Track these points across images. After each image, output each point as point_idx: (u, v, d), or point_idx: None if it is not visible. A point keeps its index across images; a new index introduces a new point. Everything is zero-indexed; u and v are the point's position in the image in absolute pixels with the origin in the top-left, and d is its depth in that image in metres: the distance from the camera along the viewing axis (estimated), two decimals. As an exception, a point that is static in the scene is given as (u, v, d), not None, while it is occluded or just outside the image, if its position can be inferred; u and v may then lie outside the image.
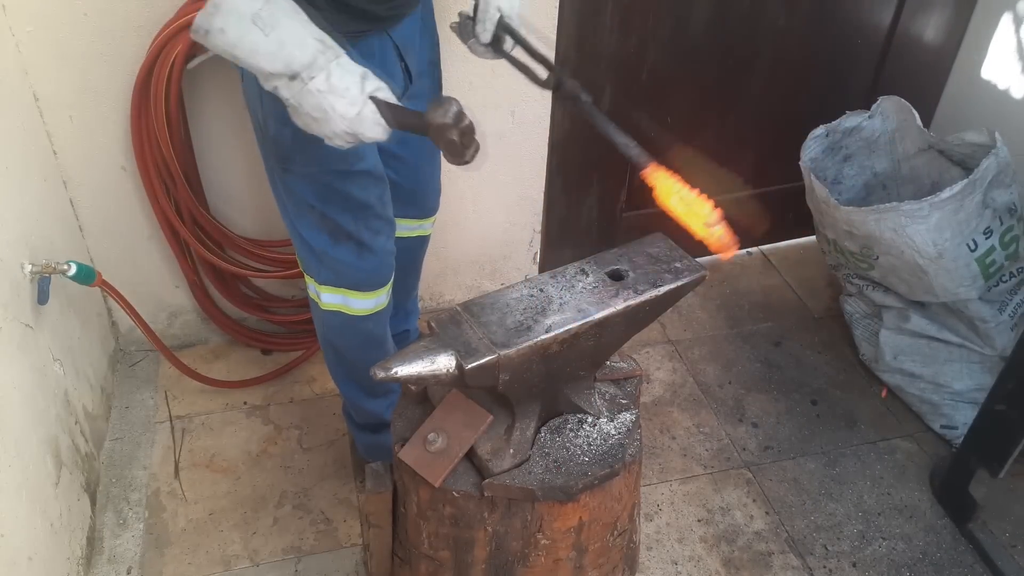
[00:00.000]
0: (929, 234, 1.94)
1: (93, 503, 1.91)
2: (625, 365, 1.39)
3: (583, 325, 1.16)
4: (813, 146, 2.24)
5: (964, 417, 2.09)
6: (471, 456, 1.23)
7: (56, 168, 1.95)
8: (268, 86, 1.13)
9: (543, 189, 2.36)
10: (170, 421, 2.15)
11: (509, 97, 2.14)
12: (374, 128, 1.15)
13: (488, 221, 2.36)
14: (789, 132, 2.32)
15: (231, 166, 2.05)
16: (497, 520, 1.24)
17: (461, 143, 1.13)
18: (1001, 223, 2.00)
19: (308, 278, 1.61)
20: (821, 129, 2.25)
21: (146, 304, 2.18)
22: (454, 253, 2.40)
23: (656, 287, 1.21)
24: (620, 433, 1.27)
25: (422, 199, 1.81)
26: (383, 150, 1.54)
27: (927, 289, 2.05)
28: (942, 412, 2.15)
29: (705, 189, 2.84)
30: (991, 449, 1.82)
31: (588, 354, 1.23)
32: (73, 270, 1.73)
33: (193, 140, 1.97)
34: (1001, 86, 2.35)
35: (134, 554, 1.85)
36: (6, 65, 1.73)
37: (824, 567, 1.88)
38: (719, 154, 2.51)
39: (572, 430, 1.27)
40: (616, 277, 1.23)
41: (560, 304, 1.18)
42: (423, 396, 1.32)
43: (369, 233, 1.52)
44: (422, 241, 1.90)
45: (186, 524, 1.92)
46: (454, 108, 1.11)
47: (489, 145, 2.21)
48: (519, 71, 1.33)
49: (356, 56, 1.33)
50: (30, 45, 1.77)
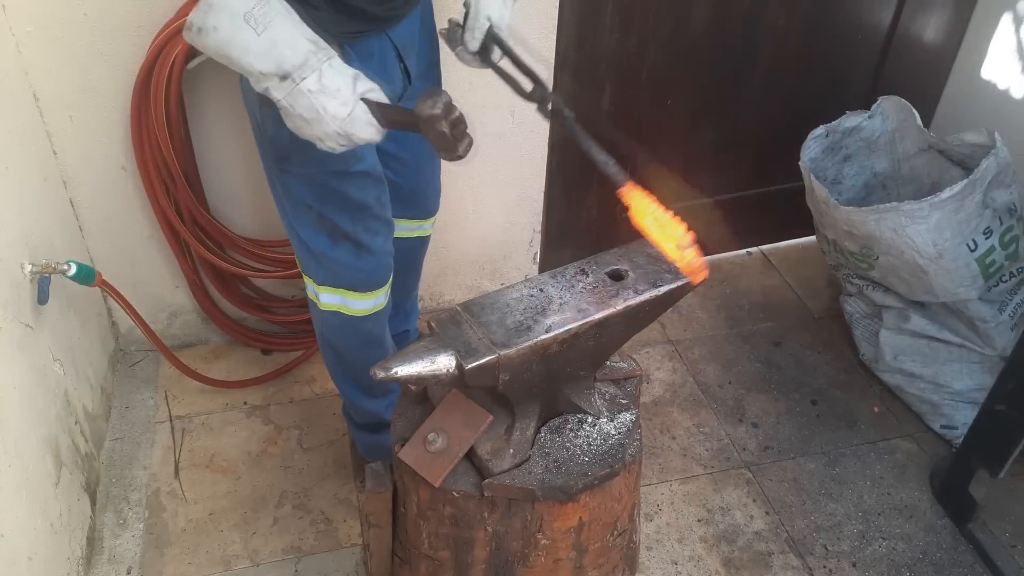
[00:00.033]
0: (929, 234, 1.94)
1: (93, 503, 1.91)
2: (625, 365, 1.39)
3: (583, 325, 1.16)
4: (813, 146, 2.24)
5: (964, 417, 2.09)
6: (471, 456, 1.23)
7: (56, 168, 1.95)
8: (259, 87, 1.12)
9: (543, 189, 2.36)
10: (170, 421, 2.15)
11: (509, 97, 2.11)
12: (366, 129, 1.15)
13: (488, 221, 2.36)
14: (789, 132, 2.32)
15: (231, 166, 2.06)
16: (497, 520, 1.24)
17: (452, 135, 1.12)
18: (1001, 223, 2.00)
19: (307, 278, 1.61)
20: (821, 129, 2.25)
21: (146, 304, 2.18)
22: (454, 253, 2.40)
23: (656, 287, 1.21)
24: (620, 433, 1.27)
25: (422, 200, 1.81)
26: (382, 151, 1.54)
27: (927, 289, 2.05)
28: (942, 412, 2.15)
29: (705, 189, 2.83)
30: (991, 449, 1.82)
31: (588, 354, 1.23)
32: (73, 270, 1.73)
33: (193, 140, 1.97)
34: (1001, 86, 2.35)
35: (134, 554, 1.85)
36: (6, 65, 1.73)
37: (824, 567, 1.88)
38: (719, 154, 2.52)
39: (572, 430, 1.27)
40: (616, 277, 1.23)
41: (560, 304, 1.18)
42: (423, 396, 1.32)
43: (367, 234, 1.51)
44: (422, 242, 1.90)
45: (186, 524, 1.92)
46: (443, 99, 1.10)
47: (489, 145, 2.21)
48: (505, 82, 1.32)
49: (354, 57, 1.33)
50: (30, 45, 1.77)
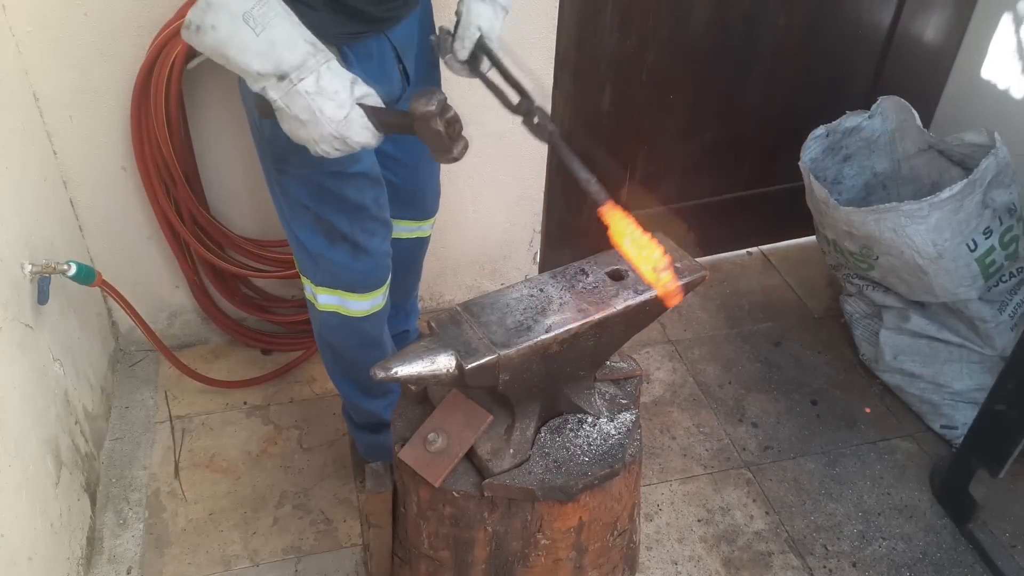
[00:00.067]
0: (929, 234, 1.94)
1: (93, 503, 1.91)
2: (625, 365, 1.39)
3: (583, 325, 1.16)
4: (813, 146, 2.24)
5: (964, 417, 2.09)
6: (471, 456, 1.23)
7: (56, 168, 1.95)
8: (256, 87, 1.12)
9: (543, 189, 2.36)
10: (170, 421, 2.15)
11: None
12: (362, 133, 1.14)
13: (488, 221, 2.36)
14: (789, 132, 2.32)
15: (231, 166, 2.06)
16: (497, 520, 1.24)
17: (447, 135, 1.11)
18: (1001, 223, 2.00)
19: (304, 279, 1.60)
20: (821, 129, 2.25)
21: (146, 304, 2.18)
22: (454, 253, 2.40)
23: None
24: (620, 433, 1.27)
25: (421, 201, 1.81)
26: (381, 152, 1.54)
27: (927, 289, 2.05)
28: (942, 412, 2.15)
29: (705, 189, 2.83)
30: (991, 449, 1.82)
31: (588, 354, 1.23)
32: (73, 270, 1.73)
33: (193, 140, 1.97)
34: (1001, 86, 2.35)
35: (134, 554, 1.85)
36: (6, 65, 1.73)
37: (824, 567, 1.88)
38: (719, 154, 2.52)
39: (572, 430, 1.27)
40: (616, 277, 1.23)
41: (560, 304, 1.18)
42: (423, 396, 1.32)
43: (364, 235, 1.51)
44: (421, 243, 1.90)
45: (186, 524, 1.92)
46: (438, 97, 1.09)
47: (489, 145, 2.21)
48: (492, 93, 1.31)
49: (353, 58, 1.33)
50: (30, 45, 1.77)
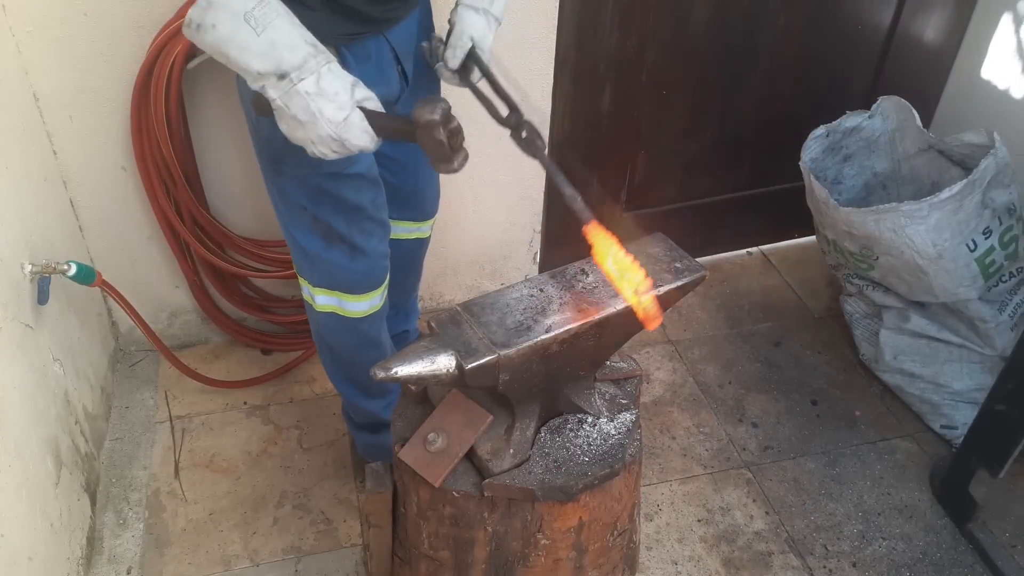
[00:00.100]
0: (928, 234, 1.94)
1: (93, 503, 1.91)
2: (625, 365, 1.39)
3: (583, 325, 1.16)
4: (813, 146, 2.24)
5: (964, 417, 2.09)
6: (471, 456, 1.23)
7: (56, 168, 1.95)
8: (255, 86, 1.11)
9: (543, 189, 2.36)
10: (170, 421, 2.15)
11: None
12: (361, 136, 1.14)
13: (488, 221, 2.36)
14: (789, 132, 2.32)
15: (231, 166, 2.05)
16: (497, 520, 1.24)
17: (449, 145, 1.11)
18: (1000, 223, 2.00)
19: (302, 280, 1.60)
20: (821, 129, 2.25)
21: (146, 304, 2.18)
22: (454, 253, 2.40)
23: (656, 287, 1.21)
24: (620, 433, 1.27)
25: (420, 202, 1.80)
26: (379, 153, 1.54)
27: (927, 289, 2.05)
28: (942, 412, 2.15)
29: (705, 189, 2.82)
30: (991, 449, 1.82)
31: (588, 354, 1.23)
32: (73, 270, 1.73)
33: (193, 140, 1.97)
34: (1001, 86, 2.35)
35: (134, 554, 1.85)
36: (6, 65, 1.73)
37: (824, 567, 1.88)
38: (719, 154, 2.52)
39: (572, 430, 1.27)
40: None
41: (560, 304, 1.18)
42: (423, 396, 1.32)
43: (362, 236, 1.51)
44: (420, 243, 1.90)
45: (186, 524, 1.92)
46: (442, 106, 1.09)
47: (489, 145, 2.20)
48: (481, 103, 1.31)
49: (351, 59, 1.33)
50: (30, 45, 1.77)
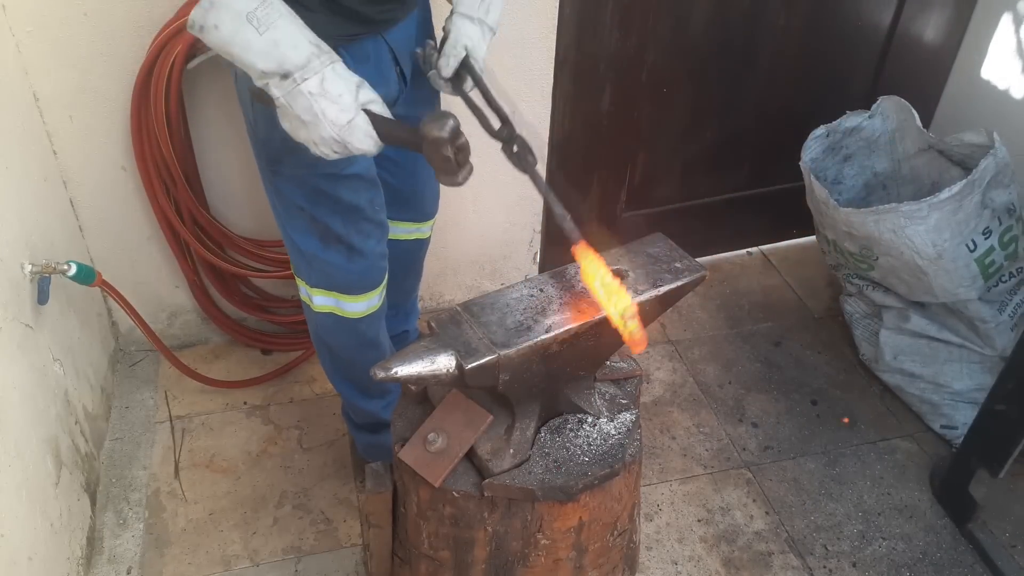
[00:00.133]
0: (928, 235, 1.94)
1: (93, 503, 1.91)
2: (625, 365, 1.39)
3: (583, 325, 1.16)
4: (813, 146, 2.24)
5: (964, 417, 2.09)
6: (471, 456, 1.23)
7: (56, 168, 1.95)
8: (259, 83, 1.11)
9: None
10: (170, 421, 2.15)
11: (510, 97, 2.14)
12: (364, 140, 1.14)
13: (488, 221, 2.36)
14: (789, 132, 2.32)
15: (231, 166, 2.05)
16: (497, 520, 1.24)
17: (456, 161, 1.11)
18: (1000, 223, 2.00)
19: (299, 280, 1.60)
20: (821, 129, 2.25)
21: (146, 304, 2.18)
22: (454, 253, 2.40)
23: (656, 287, 1.21)
24: (620, 433, 1.27)
25: (419, 203, 1.80)
26: (379, 154, 1.54)
27: (927, 290, 2.05)
28: (942, 412, 2.15)
29: (705, 189, 2.82)
30: (991, 449, 1.82)
31: (588, 354, 1.23)
32: (73, 270, 1.73)
33: (193, 140, 1.97)
34: (1001, 86, 2.35)
35: (134, 554, 1.85)
36: (6, 65, 1.73)
37: (824, 567, 1.88)
38: (719, 154, 2.52)
39: (572, 430, 1.27)
40: (616, 277, 1.23)
41: (560, 304, 1.18)
42: (423, 396, 1.32)
43: (359, 236, 1.51)
44: (420, 244, 1.89)
45: (186, 524, 1.92)
46: (451, 123, 1.09)
47: (489, 145, 2.20)
48: (472, 114, 1.29)
49: (349, 60, 1.32)
50: (30, 45, 1.77)
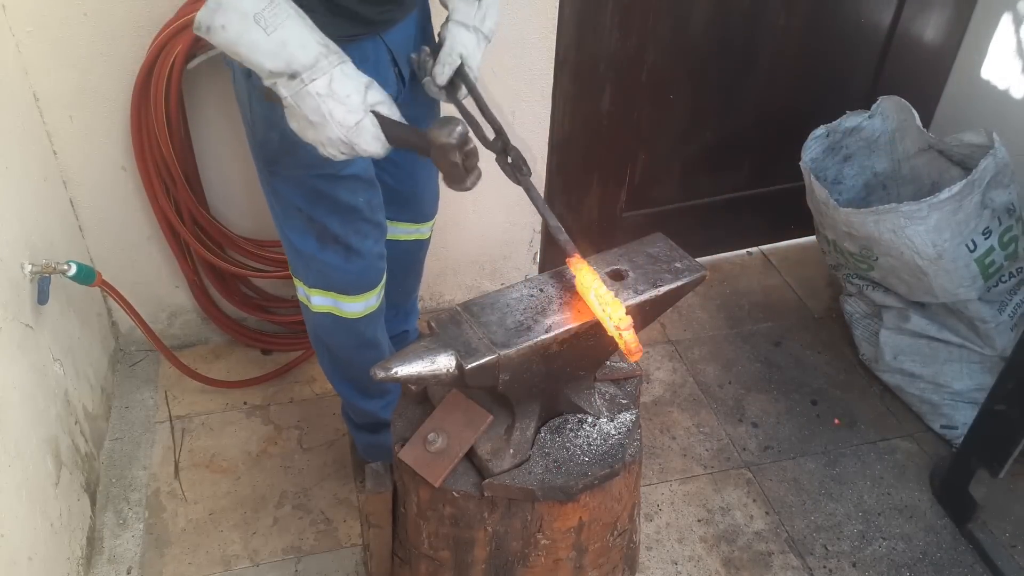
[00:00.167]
0: (928, 235, 1.94)
1: (93, 503, 1.91)
2: (625, 365, 1.39)
3: (583, 325, 1.16)
4: (813, 146, 2.24)
5: (964, 417, 2.09)
6: (471, 456, 1.23)
7: (56, 168, 1.95)
8: (268, 83, 1.11)
9: (543, 189, 2.36)
10: (170, 421, 2.15)
11: (509, 98, 2.15)
12: (372, 142, 1.14)
13: (488, 221, 2.36)
14: (789, 132, 2.32)
15: (231, 166, 2.05)
16: (497, 520, 1.24)
17: (464, 166, 1.11)
18: (1000, 223, 2.00)
19: (297, 281, 1.60)
20: (821, 129, 2.25)
21: (146, 304, 2.18)
22: (454, 253, 2.40)
23: (656, 287, 1.21)
24: (620, 433, 1.27)
25: (418, 204, 1.80)
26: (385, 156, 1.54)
27: (927, 290, 2.05)
28: (942, 412, 2.15)
29: (705, 189, 2.82)
30: (991, 449, 1.82)
31: (588, 354, 1.23)
32: (73, 270, 1.73)
33: (193, 140, 1.97)
34: (1001, 86, 2.35)
35: (134, 554, 1.85)
36: (6, 65, 1.73)
37: (824, 567, 1.88)
38: (719, 154, 2.52)
39: (572, 430, 1.27)
40: (616, 277, 1.23)
41: (560, 304, 1.18)
42: (423, 396, 1.32)
43: (357, 237, 1.50)
44: (420, 244, 1.89)
45: (186, 524, 1.92)
46: (459, 129, 1.09)
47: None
48: (466, 122, 1.31)
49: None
50: (30, 45, 1.77)
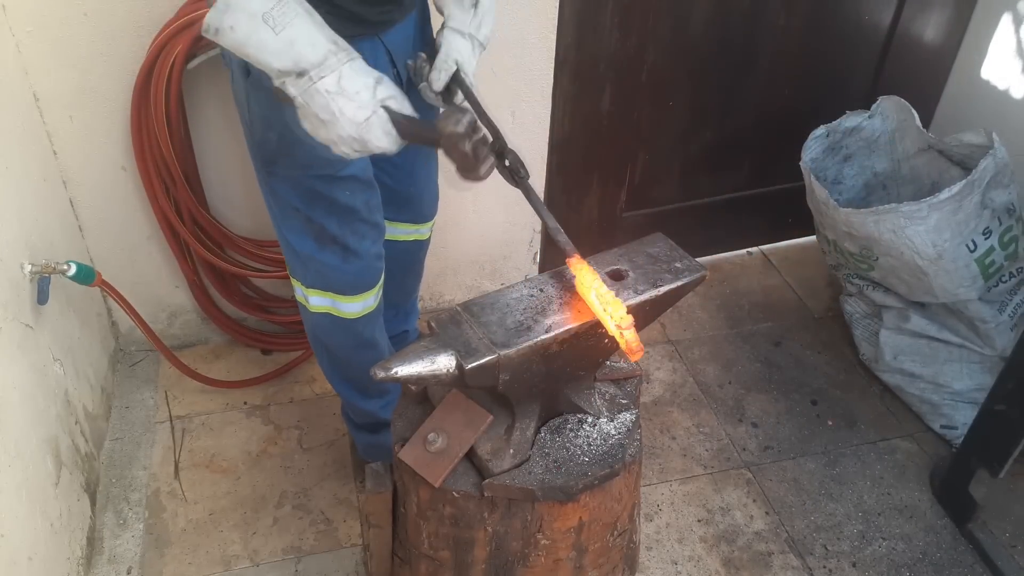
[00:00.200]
0: (928, 235, 1.94)
1: (93, 503, 1.91)
2: (625, 365, 1.39)
3: (583, 325, 1.16)
4: (814, 146, 2.24)
5: (964, 417, 2.09)
6: (471, 456, 1.23)
7: (56, 168, 1.95)
8: (277, 83, 1.11)
9: (543, 189, 2.36)
10: (170, 421, 2.15)
11: (509, 98, 2.15)
12: (383, 138, 1.13)
13: (488, 221, 2.36)
14: (789, 132, 2.32)
15: (231, 166, 2.05)
16: (497, 520, 1.24)
17: (474, 155, 1.11)
18: (1000, 223, 2.00)
19: (295, 281, 1.60)
20: (822, 129, 2.25)
21: (146, 304, 2.18)
22: (454, 253, 2.40)
23: (656, 287, 1.21)
24: (620, 433, 1.27)
25: (417, 204, 1.79)
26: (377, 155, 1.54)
27: (927, 290, 2.05)
28: (942, 412, 2.15)
29: (705, 189, 2.82)
30: (991, 449, 1.82)
31: (588, 354, 1.23)
32: (73, 270, 1.73)
33: (193, 140, 1.97)
34: (1001, 86, 2.35)
35: (134, 554, 1.85)
36: (6, 65, 1.73)
37: (824, 567, 1.88)
38: (719, 154, 2.52)
39: (572, 430, 1.27)
40: (616, 277, 1.23)
41: (560, 304, 1.18)
42: (423, 396, 1.32)
43: (355, 237, 1.50)
44: (420, 245, 1.89)
45: (186, 524, 1.92)
46: (467, 118, 1.09)
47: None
48: None
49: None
50: (30, 45, 1.77)
